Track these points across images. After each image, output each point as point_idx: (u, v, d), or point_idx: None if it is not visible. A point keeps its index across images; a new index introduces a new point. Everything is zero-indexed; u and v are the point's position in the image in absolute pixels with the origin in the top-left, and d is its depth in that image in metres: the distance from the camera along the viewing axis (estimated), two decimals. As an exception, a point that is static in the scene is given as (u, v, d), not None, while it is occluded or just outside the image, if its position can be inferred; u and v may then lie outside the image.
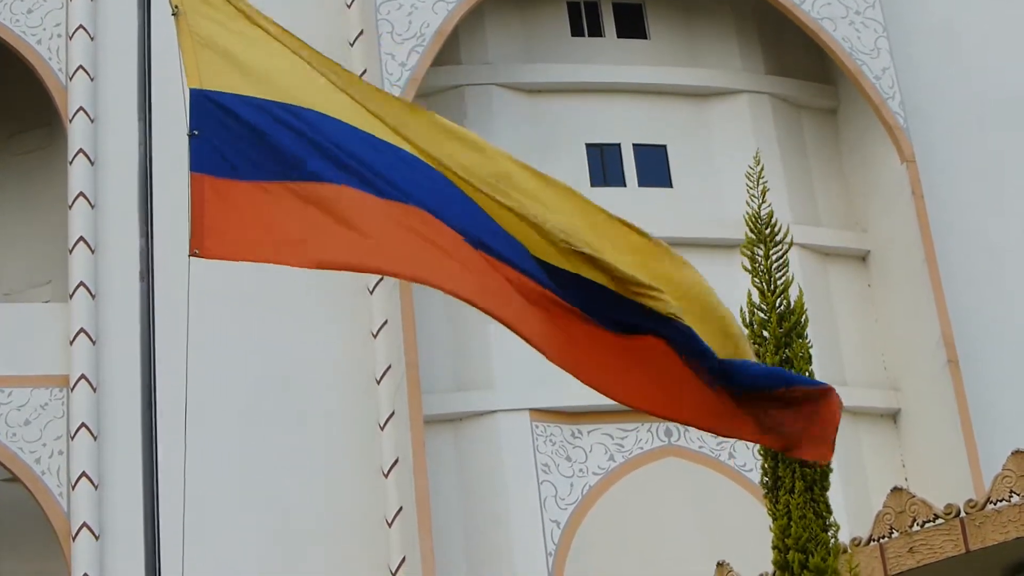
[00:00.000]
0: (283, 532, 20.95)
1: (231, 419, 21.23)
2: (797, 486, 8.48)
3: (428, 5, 22.57)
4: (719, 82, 24.23)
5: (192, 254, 6.63)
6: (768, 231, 9.34)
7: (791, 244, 9.47)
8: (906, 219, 22.99)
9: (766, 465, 8.66)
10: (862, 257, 23.97)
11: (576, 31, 24.48)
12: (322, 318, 22.03)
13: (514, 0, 24.22)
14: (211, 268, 6.85)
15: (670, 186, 23.60)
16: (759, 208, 9.33)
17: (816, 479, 8.53)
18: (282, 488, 21.11)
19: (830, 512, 8.61)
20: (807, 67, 24.92)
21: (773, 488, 8.61)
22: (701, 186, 23.61)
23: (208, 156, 6.75)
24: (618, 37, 24.57)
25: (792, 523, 8.43)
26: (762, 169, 9.17)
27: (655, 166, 23.74)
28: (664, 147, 23.91)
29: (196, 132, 6.77)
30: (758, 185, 9.29)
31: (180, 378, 13.89)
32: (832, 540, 8.55)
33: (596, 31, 24.55)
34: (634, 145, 23.81)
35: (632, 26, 24.75)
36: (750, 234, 9.34)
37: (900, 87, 23.37)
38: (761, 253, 9.36)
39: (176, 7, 6.93)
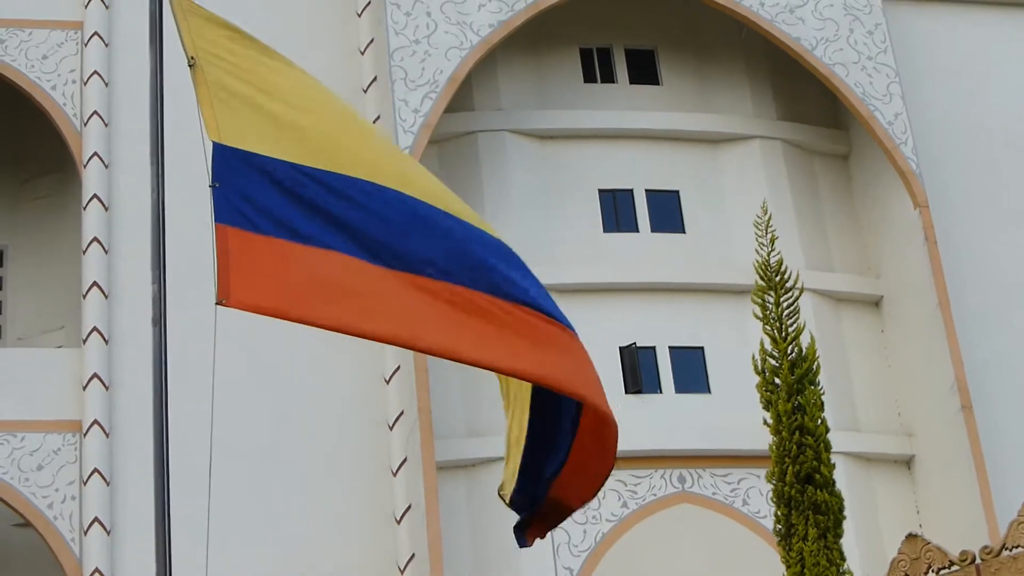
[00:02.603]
0: (295, 578, 20.86)
1: (244, 465, 21.19)
2: (811, 533, 8.42)
3: (441, 52, 22.64)
4: (731, 128, 24.27)
5: (218, 303, 6.64)
6: (778, 278, 9.35)
7: (802, 290, 9.46)
8: (919, 264, 22.94)
9: (779, 512, 8.61)
10: (875, 302, 23.91)
11: (589, 77, 24.53)
12: (334, 364, 22.01)
13: (527, 47, 24.29)
14: (226, 315, 6.87)
15: (683, 231, 23.60)
16: (768, 256, 9.34)
17: (830, 526, 8.47)
18: (295, 534, 21.05)
19: (844, 559, 8.55)
20: (819, 112, 24.94)
21: (787, 536, 8.55)
22: (713, 231, 23.61)
23: (229, 208, 6.79)
24: (630, 83, 24.61)
25: (806, 571, 8.37)
26: (770, 218, 9.18)
27: (668, 212, 23.75)
28: (677, 192, 23.92)
29: (217, 184, 6.81)
30: (766, 233, 9.31)
31: (192, 424, 13.88)
32: (846, 587, 8.50)
33: (609, 77, 24.59)
34: (647, 191, 23.82)
35: (644, 72, 24.79)
36: (760, 281, 9.35)
37: (912, 132, 23.35)
38: (772, 300, 9.35)
39: (192, 59, 6.95)
